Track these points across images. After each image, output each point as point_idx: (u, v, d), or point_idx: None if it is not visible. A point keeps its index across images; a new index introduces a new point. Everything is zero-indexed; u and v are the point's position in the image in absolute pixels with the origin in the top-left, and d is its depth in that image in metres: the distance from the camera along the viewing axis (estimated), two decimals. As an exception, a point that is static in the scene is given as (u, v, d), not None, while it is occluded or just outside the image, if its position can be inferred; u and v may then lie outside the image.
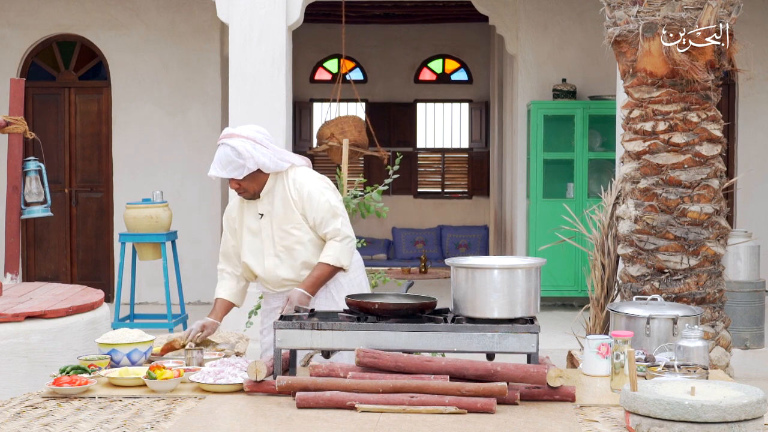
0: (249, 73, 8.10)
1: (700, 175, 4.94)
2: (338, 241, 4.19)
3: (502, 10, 10.48)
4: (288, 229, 4.21)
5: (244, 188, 4.20)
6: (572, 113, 9.84)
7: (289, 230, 4.21)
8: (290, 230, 4.21)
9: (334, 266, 4.18)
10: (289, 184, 4.21)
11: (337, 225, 4.18)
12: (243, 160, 4.11)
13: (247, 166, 4.12)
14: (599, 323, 5.26)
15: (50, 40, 10.70)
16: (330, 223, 4.18)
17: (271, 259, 4.24)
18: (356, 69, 14.84)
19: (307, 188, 4.19)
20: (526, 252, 10.07)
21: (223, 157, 4.12)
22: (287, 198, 4.20)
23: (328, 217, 4.18)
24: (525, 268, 3.56)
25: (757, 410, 2.78)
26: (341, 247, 4.18)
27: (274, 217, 4.22)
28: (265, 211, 4.24)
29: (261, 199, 4.24)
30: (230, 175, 4.13)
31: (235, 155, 4.11)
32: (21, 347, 4.66)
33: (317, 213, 4.18)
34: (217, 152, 4.15)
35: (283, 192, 4.21)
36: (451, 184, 15.15)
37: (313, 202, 4.18)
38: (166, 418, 3.13)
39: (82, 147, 10.76)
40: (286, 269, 4.23)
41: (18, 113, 6.50)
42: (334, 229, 4.18)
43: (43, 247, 10.77)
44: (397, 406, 3.16)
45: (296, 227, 4.21)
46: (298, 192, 4.19)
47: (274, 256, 4.24)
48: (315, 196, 4.18)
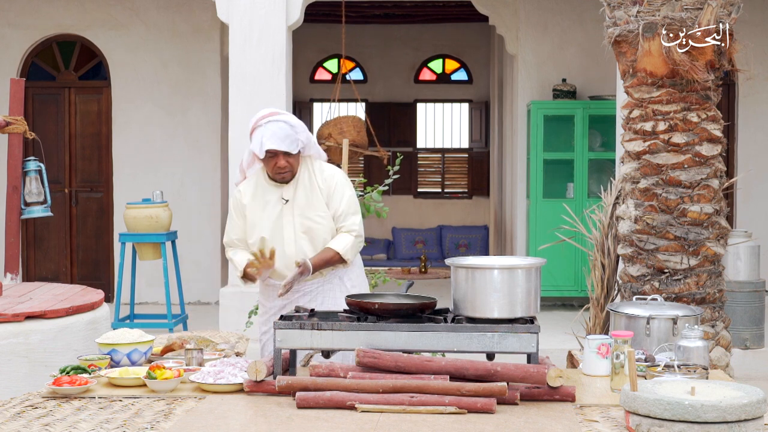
0: (249, 73, 8.10)
1: (700, 175, 4.94)
2: (353, 236, 4.27)
3: (502, 10, 10.48)
4: (311, 216, 4.24)
5: (291, 166, 4.21)
6: (572, 113, 9.84)
7: (312, 217, 4.24)
8: (313, 217, 4.24)
9: (341, 257, 4.23)
10: (315, 173, 4.27)
11: (356, 221, 4.29)
12: (297, 134, 4.16)
13: (300, 140, 4.18)
14: (599, 323, 5.26)
15: (50, 40, 10.70)
16: (349, 218, 4.27)
17: (292, 246, 4.24)
18: (356, 69, 14.84)
19: (335, 179, 4.28)
20: (526, 252, 10.07)
21: (281, 131, 4.13)
22: (314, 186, 4.25)
23: (349, 212, 4.27)
24: (525, 268, 3.56)
25: (757, 410, 2.78)
26: (353, 242, 4.27)
27: (296, 203, 4.24)
28: (290, 196, 4.25)
29: (287, 185, 4.26)
30: (288, 148, 4.14)
31: (290, 129, 4.15)
32: (21, 347, 4.66)
33: (340, 205, 4.26)
34: (269, 128, 4.14)
35: (309, 179, 4.26)
36: (451, 184, 15.14)
37: (339, 195, 4.26)
38: (166, 418, 3.13)
39: (82, 147, 10.76)
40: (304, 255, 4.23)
41: (18, 113, 6.50)
42: (353, 223, 4.28)
43: (43, 247, 10.77)
44: (397, 406, 3.16)
45: (320, 215, 4.25)
46: (326, 182, 4.26)
47: (294, 243, 4.24)
48: (341, 189, 4.27)
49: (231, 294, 8.06)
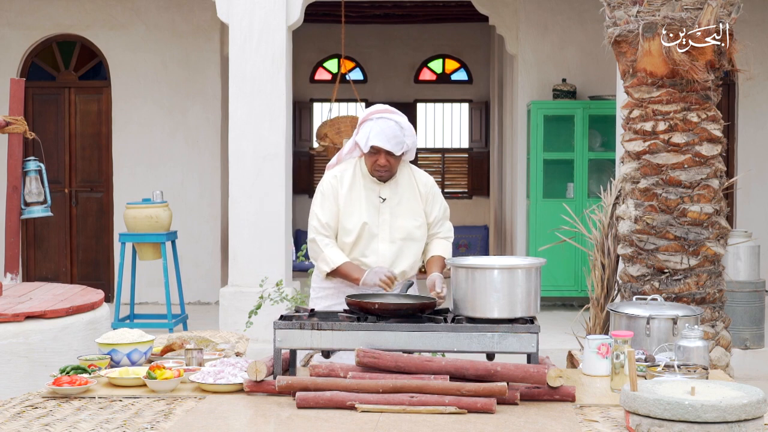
0: (249, 73, 8.10)
1: (700, 175, 4.94)
2: (449, 243, 4.34)
3: (502, 10, 10.48)
4: (410, 221, 4.25)
5: (391, 166, 4.20)
6: (572, 113, 9.84)
7: (410, 222, 4.25)
8: (412, 223, 4.25)
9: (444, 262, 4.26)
10: (415, 178, 4.30)
11: (450, 227, 4.35)
12: (405, 137, 4.15)
13: (407, 143, 4.17)
14: (599, 323, 5.26)
15: (50, 40, 10.71)
16: (445, 224, 4.33)
17: (386, 245, 4.24)
18: (356, 69, 14.84)
19: (434, 185, 4.33)
20: (526, 252, 10.07)
21: (390, 130, 4.12)
22: (414, 189, 4.27)
23: (445, 218, 4.33)
24: (525, 268, 3.56)
25: (757, 410, 2.78)
26: (450, 247, 4.33)
27: (394, 204, 4.25)
28: (387, 195, 4.25)
29: (385, 184, 4.26)
30: (392, 149, 4.13)
31: (399, 130, 4.14)
32: (21, 347, 4.67)
33: (438, 211, 4.31)
34: (378, 124, 4.12)
35: (410, 183, 4.28)
36: (451, 184, 15.14)
37: (437, 201, 4.31)
38: (166, 418, 3.13)
39: (82, 147, 10.76)
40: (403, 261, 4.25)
41: (18, 113, 6.50)
42: (449, 229, 4.34)
43: (43, 247, 10.77)
44: (397, 406, 3.16)
45: (418, 221, 4.27)
46: (426, 186, 4.30)
47: (389, 243, 4.24)
48: (438, 196, 4.33)
49: (231, 294, 8.06)
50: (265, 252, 8.07)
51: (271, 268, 7.98)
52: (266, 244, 8.08)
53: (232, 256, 8.15)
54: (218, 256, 10.48)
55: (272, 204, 8.08)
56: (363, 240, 4.25)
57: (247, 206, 8.09)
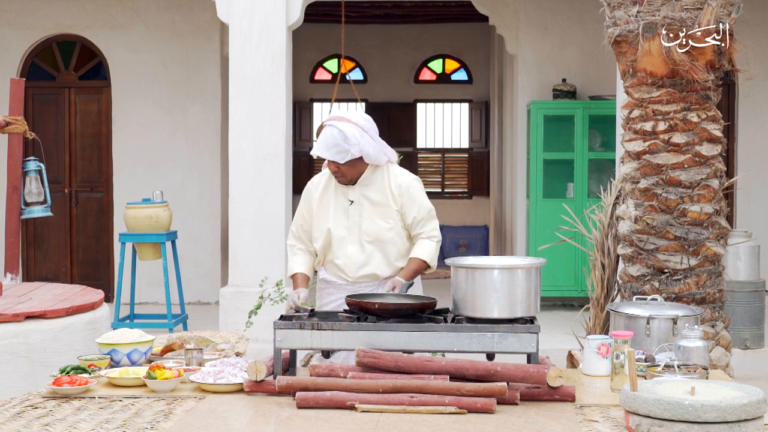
0: (249, 73, 8.09)
1: (700, 175, 4.94)
2: (434, 242, 4.28)
3: (502, 10, 10.48)
4: (378, 222, 4.25)
5: (343, 173, 4.22)
6: (572, 113, 9.84)
7: (380, 225, 4.25)
8: (381, 225, 4.25)
9: (427, 264, 4.25)
10: (390, 179, 4.27)
11: (435, 226, 4.29)
12: (348, 146, 4.15)
13: (351, 152, 4.16)
14: (599, 323, 5.26)
15: (50, 40, 10.70)
16: (428, 224, 4.28)
17: (355, 248, 4.26)
18: (356, 69, 14.84)
19: (410, 186, 4.27)
20: (526, 252, 10.06)
21: (329, 139, 4.14)
22: (386, 191, 4.25)
23: (428, 218, 4.27)
24: (525, 268, 3.56)
25: (757, 410, 2.78)
26: (435, 247, 4.28)
27: (364, 206, 4.25)
28: (355, 198, 4.25)
29: (354, 187, 4.26)
30: (333, 158, 4.15)
31: (341, 138, 4.14)
32: (21, 347, 4.67)
33: (418, 212, 4.26)
34: (324, 132, 4.16)
35: (383, 184, 4.26)
36: (451, 184, 15.14)
37: (415, 201, 4.26)
38: (166, 418, 3.13)
39: (82, 147, 10.75)
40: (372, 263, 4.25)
41: (18, 113, 6.50)
42: (432, 229, 4.28)
43: (43, 247, 10.77)
44: (397, 406, 3.16)
45: (388, 221, 4.25)
46: (400, 188, 4.26)
47: (358, 245, 4.26)
48: (417, 196, 4.27)
49: (231, 294, 8.06)
50: (265, 252, 8.07)
51: (271, 268, 7.98)
52: (266, 244, 8.08)
53: (232, 256, 8.15)
54: (218, 256, 10.48)
55: (272, 204, 8.09)
56: (333, 244, 4.32)
57: (247, 206, 8.09)
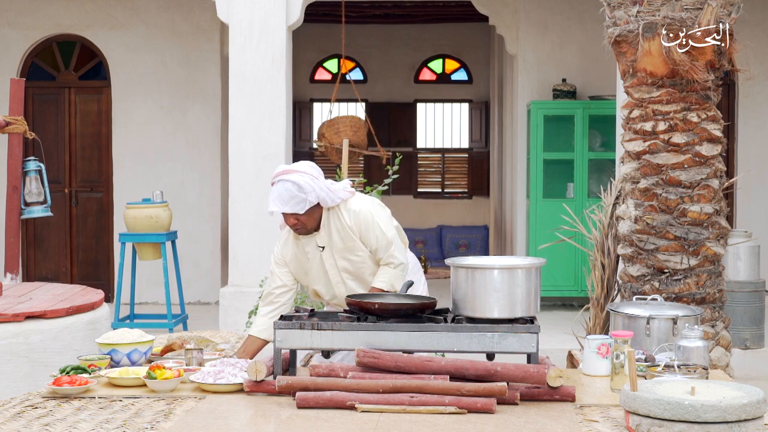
0: (249, 73, 8.10)
1: (700, 175, 4.94)
2: (392, 268, 4.27)
3: (502, 10, 10.48)
4: (350, 258, 4.27)
5: (303, 224, 4.21)
6: (572, 113, 9.84)
7: (350, 258, 4.27)
8: (352, 258, 4.28)
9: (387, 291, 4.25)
10: (343, 215, 4.26)
11: (391, 252, 4.27)
12: (305, 194, 4.13)
13: (309, 200, 4.14)
14: (599, 323, 5.26)
15: (50, 40, 10.70)
16: (384, 251, 4.27)
17: (341, 287, 4.30)
18: (356, 69, 14.84)
19: (363, 218, 4.25)
20: (526, 252, 10.06)
21: (285, 193, 4.12)
22: (344, 228, 4.25)
23: (383, 246, 4.26)
24: (525, 268, 3.56)
25: (757, 410, 2.78)
26: (394, 273, 4.26)
27: (334, 248, 4.26)
28: (324, 243, 4.27)
29: (319, 233, 4.26)
30: (293, 210, 4.13)
31: (296, 190, 4.12)
32: (21, 347, 4.67)
33: (373, 242, 4.26)
34: (276, 188, 4.14)
35: (340, 223, 4.25)
36: (451, 184, 15.14)
37: (369, 232, 4.26)
38: (166, 418, 3.13)
39: (82, 147, 10.75)
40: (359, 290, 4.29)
41: (18, 113, 6.50)
42: (389, 256, 4.27)
43: (43, 247, 10.77)
44: (397, 406, 3.16)
45: (358, 254, 4.28)
46: (356, 221, 4.25)
47: (342, 284, 4.30)
48: (370, 227, 4.26)
49: (231, 294, 8.06)
50: (265, 252, 8.05)
51: (271, 268, 7.98)
52: (266, 244, 8.07)
53: (232, 256, 8.15)
54: (218, 256, 10.48)
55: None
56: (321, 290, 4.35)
57: (247, 206, 8.09)
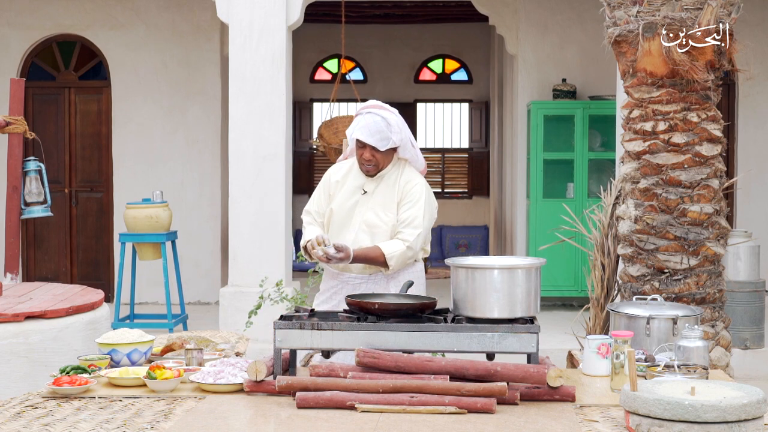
0: (249, 73, 8.10)
1: (700, 175, 4.94)
2: (404, 246, 4.27)
3: (502, 10, 10.48)
4: (379, 213, 4.29)
5: (377, 161, 4.26)
6: (572, 113, 9.84)
7: (379, 214, 4.29)
8: (381, 216, 4.29)
9: (384, 259, 4.25)
10: (403, 175, 4.32)
11: (414, 234, 4.27)
12: (391, 133, 4.20)
13: (393, 140, 4.21)
14: (599, 323, 5.26)
15: (50, 40, 10.70)
16: (408, 229, 4.27)
17: (352, 235, 4.30)
18: (356, 69, 14.84)
19: (415, 189, 4.30)
20: (526, 252, 10.06)
21: (373, 125, 4.18)
22: (395, 185, 4.30)
23: (412, 224, 4.27)
24: (525, 268, 3.56)
25: (757, 410, 2.78)
26: (402, 252, 4.26)
27: (373, 197, 4.30)
28: (370, 189, 4.30)
29: (373, 178, 4.31)
30: (375, 144, 4.19)
31: (384, 125, 4.19)
32: (21, 347, 4.67)
33: (407, 214, 4.28)
34: (364, 119, 4.20)
35: (396, 179, 4.31)
36: (451, 184, 15.14)
37: (410, 203, 4.29)
38: (166, 418, 3.13)
39: (82, 147, 10.76)
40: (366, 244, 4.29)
41: (18, 113, 6.50)
42: (409, 234, 4.27)
43: (43, 247, 10.77)
44: (397, 406, 3.16)
45: (388, 214, 4.29)
46: (408, 184, 4.30)
47: (354, 233, 4.30)
48: (414, 200, 4.29)
49: (231, 294, 8.06)
50: (265, 252, 8.08)
51: (271, 268, 7.98)
52: (266, 244, 8.08)
53: (232, 256, 8.16)
54: (218, 256, 10.48)
55: (272, 204, 8.09)
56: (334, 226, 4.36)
57: (247, 206, 8.09)
